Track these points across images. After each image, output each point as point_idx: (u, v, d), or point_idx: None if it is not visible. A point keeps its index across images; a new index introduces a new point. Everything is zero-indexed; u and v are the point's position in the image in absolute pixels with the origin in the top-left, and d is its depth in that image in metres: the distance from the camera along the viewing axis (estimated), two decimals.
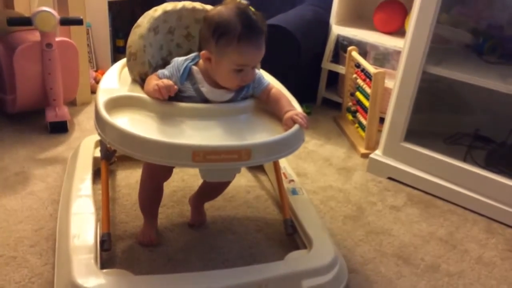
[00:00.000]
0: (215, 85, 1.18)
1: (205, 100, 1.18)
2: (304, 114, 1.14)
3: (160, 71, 1.20)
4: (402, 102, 1.73)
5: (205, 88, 1.17)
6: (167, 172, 1.30)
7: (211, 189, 1.42)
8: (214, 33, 1.11)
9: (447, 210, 1.67)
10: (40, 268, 1.23)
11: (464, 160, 1.76)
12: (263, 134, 1.11)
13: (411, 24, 1.65)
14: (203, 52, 1.16)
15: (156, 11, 1.30)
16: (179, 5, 1.35)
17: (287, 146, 1.09)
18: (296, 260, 1.22)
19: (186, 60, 1.19)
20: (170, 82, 1.13)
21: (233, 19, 1.10)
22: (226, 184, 1.40)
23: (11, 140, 1.84)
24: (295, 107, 1.19)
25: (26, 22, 1.81)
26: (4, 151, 1.76)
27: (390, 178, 1.82)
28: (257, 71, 1.24)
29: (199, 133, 1.08)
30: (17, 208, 1.46)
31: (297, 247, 1.34)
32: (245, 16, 1.11)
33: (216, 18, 1.12)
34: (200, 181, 1.44)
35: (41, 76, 1.87)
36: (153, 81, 1.16)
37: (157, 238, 1.35)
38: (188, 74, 1.17)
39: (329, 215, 1.58)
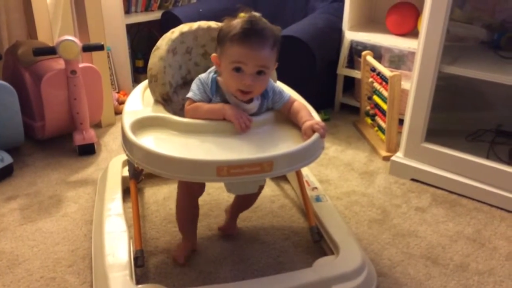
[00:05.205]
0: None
1: None
2: (323, 124, 1.16)
3: (191, 96, 1.19)
4: (419, 103, 1.74)
5: (231, 100, 1.19)
6: (200, 187, 1.33)
7: (243, 199, 1.44)
8: (218, 36, 1.17)
9: (473, 208, 1.66)
10: (79, 287, 1.29)
11: (487, 156, 1.75)
12: (283, 145, 1.14)
13: (423, 23, 1.65)
14: (213, 55, 1.20)
15: (173, 33, 1.35)
16: (195, 25, 1.40)
17: (307, 155, 1.11)
18: (324, 267, 1.24)
19: (209, 73, 1.22)
20: (247, 116, 1.16)
21: (237, 23, 1.14)
22: (257, 193, 1.40)
23: (43, 165, 1.92)
24: (314, 117, 1.21)
25: (50, 51, 1.89)
26: (36, 175, 1.84)
27: (413, 180, 1.82)
28: (276, 85, 1.26)
29: (221, 148, 1.11)
30: (53, 230, 1.52)
31: (324, 254, 1.37)
32: (249, 20, 1.13)
33: (223, 25, 1.17)
34: (226, 194, 1.48)
35: (68, 102, 1.95)
36: (201, 109, 1.17)
37: (186, 260, 1.36)
38: (216, 87, 1.20)
39: (354, 220, 1.59)
